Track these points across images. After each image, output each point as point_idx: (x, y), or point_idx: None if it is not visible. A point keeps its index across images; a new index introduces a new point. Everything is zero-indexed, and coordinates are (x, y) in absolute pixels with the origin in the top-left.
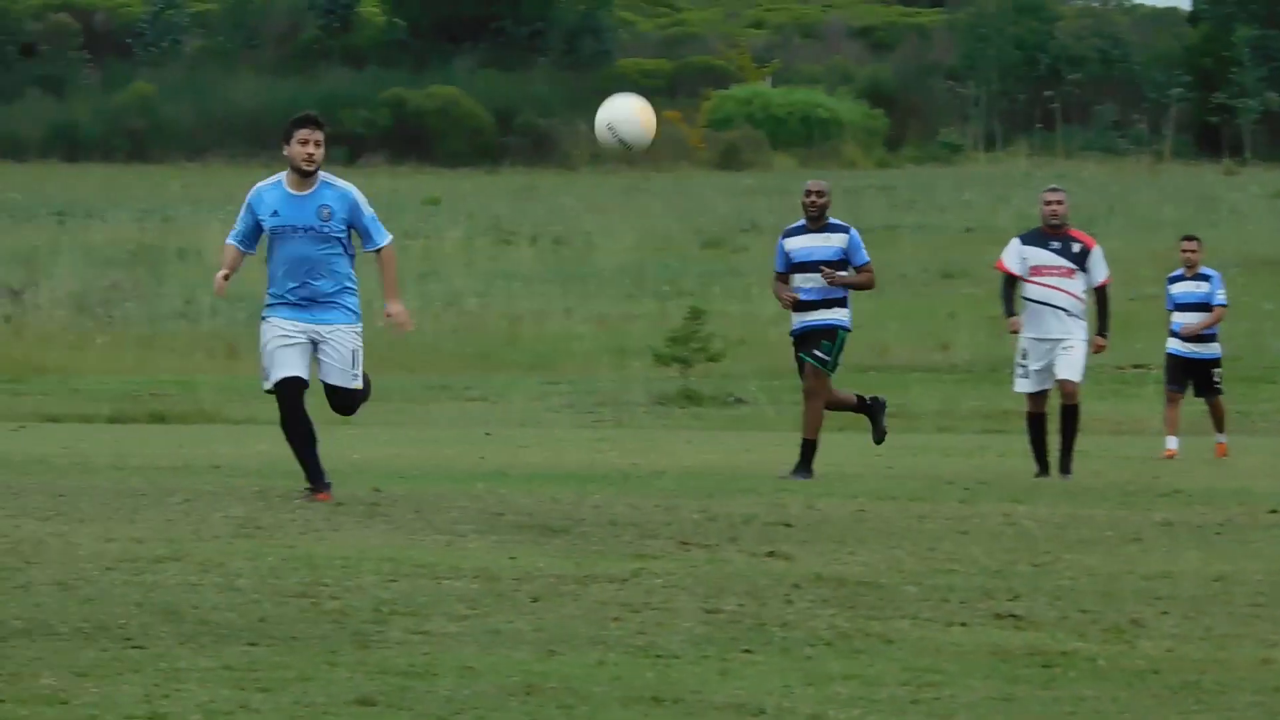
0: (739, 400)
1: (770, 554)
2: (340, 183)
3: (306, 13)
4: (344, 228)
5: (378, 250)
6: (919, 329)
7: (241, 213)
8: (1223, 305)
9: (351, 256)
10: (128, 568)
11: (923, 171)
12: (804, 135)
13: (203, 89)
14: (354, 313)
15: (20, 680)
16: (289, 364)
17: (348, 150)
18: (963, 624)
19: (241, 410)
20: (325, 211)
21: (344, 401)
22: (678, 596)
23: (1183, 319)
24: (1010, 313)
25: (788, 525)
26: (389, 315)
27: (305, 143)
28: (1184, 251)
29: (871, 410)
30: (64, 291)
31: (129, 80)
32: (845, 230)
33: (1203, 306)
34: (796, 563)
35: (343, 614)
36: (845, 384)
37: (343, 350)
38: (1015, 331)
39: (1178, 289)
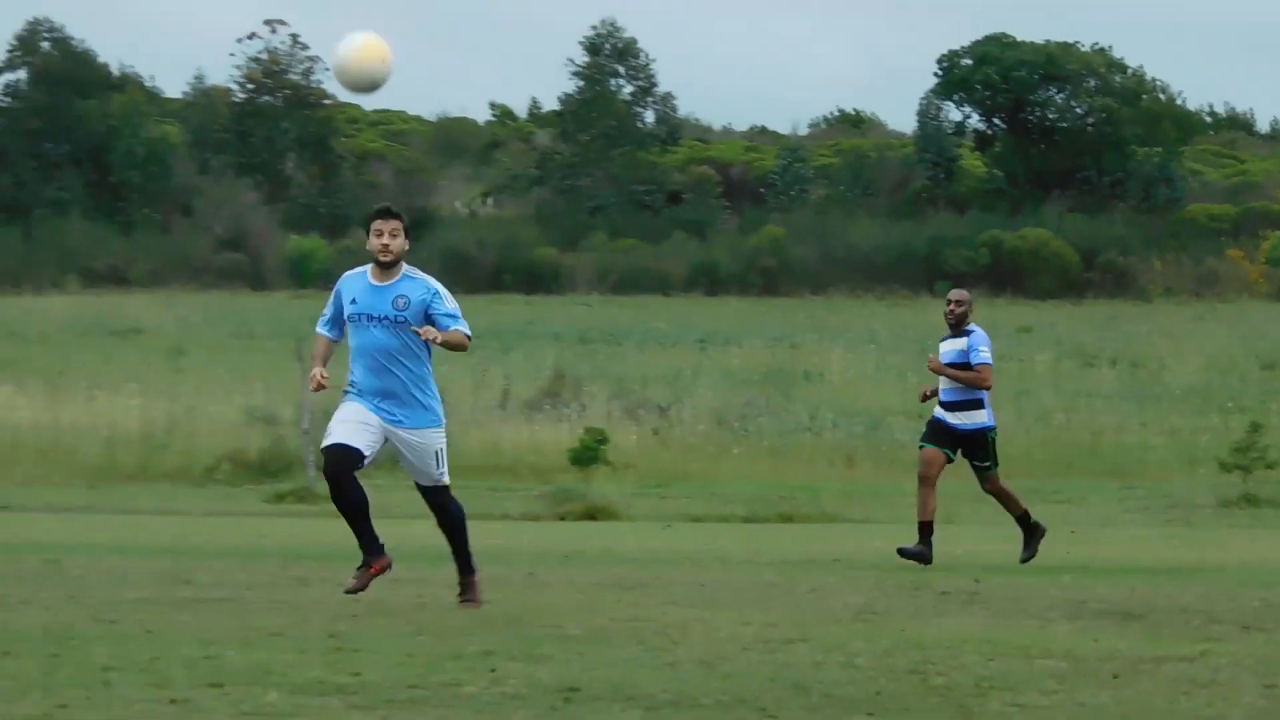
0: None
1: None
2: (422, 275)
3: (916, 165)
4: (420, 319)
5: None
6: None
7: (330, 300)
8: None
9: (428, 355)
10: (761, 648)
11: None
12: None
13: (825, 232)
14: (434, 413)
15: None
16: (351, 436)
17: (950, 285)
18: None
19: (859, 511)
20: (401, 301)
21: (435, 499)
22: (1240, 675)
23: None
24: None
25: None
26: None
27: (380, 234)
28: None
29: (1031, 531)
30: (705, 408)
31: (762, 224)
32: (970, 333)
33: None
34: None
35: (948, 689)
36: None
37: (425, 454)
38: None
39: None
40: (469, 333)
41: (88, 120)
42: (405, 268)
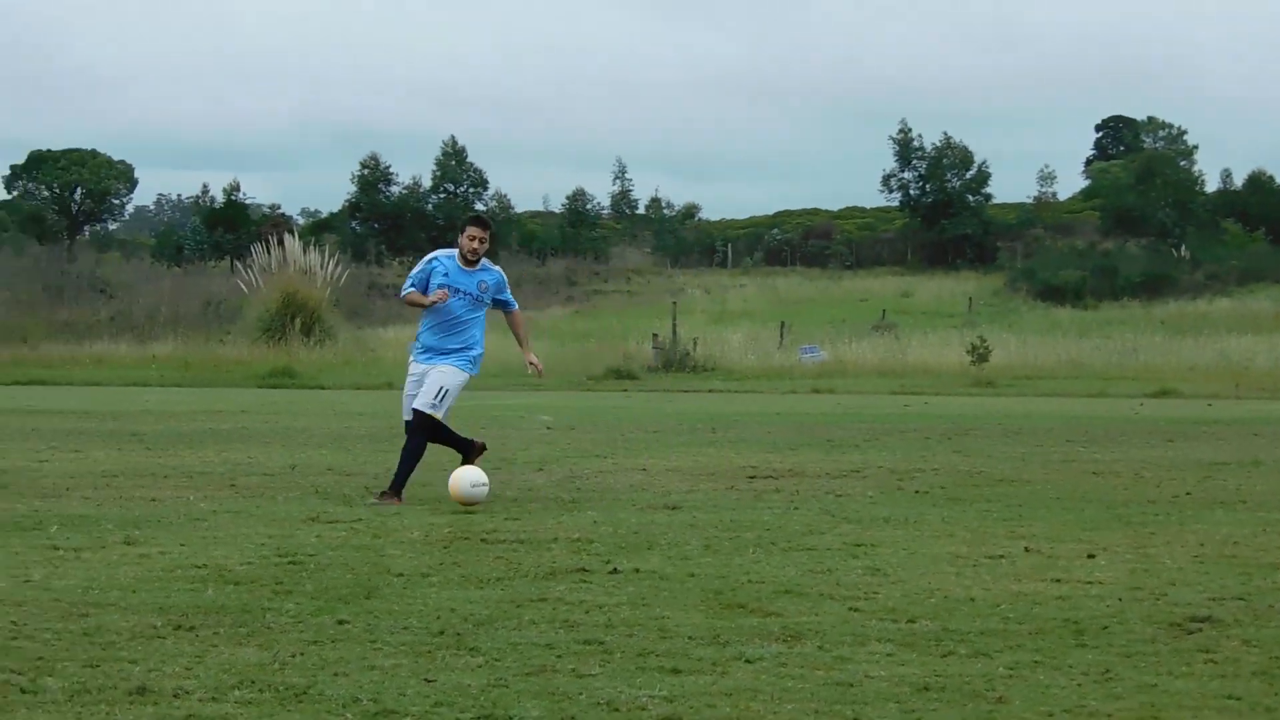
0: None
1: None
2: (494, 267)
3: None
4: (489, 300)
5: (511, 312)
6: None
7: (420, 268)
8: None
9: (480, 323)
10: None
11: None
12: None
13: None
14: (465, 363)
15: None
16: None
17: None
18: None
19: None
20: (483, 285)
21: (416, 418)
22: None
23: None
24: None
25: None
26: (530, 363)
27: (473, 239)
28: None
29: None
30: None
31: None
32: None
33: None
34: None
35: None
36: None
37: (431, 384)
38: None
39: None
40: (517, 305)
41: None
42: (484, 260)
